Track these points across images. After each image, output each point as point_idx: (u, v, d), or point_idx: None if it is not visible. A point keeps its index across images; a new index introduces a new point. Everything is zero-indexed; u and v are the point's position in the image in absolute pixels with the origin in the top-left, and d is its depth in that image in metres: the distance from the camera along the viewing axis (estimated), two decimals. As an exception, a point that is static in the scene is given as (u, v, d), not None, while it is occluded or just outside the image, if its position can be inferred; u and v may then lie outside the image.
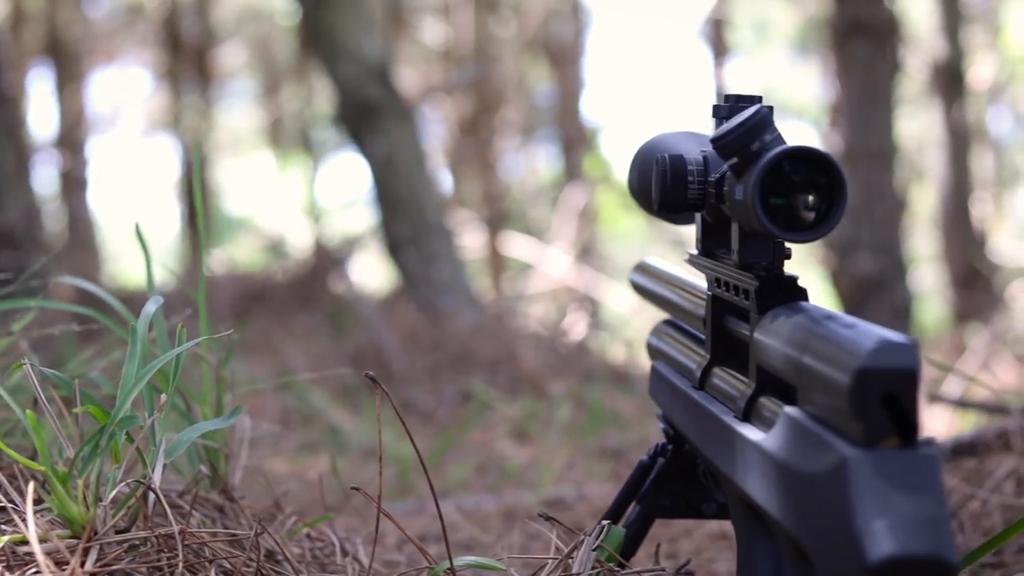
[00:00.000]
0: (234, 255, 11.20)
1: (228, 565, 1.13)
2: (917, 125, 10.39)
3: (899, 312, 6.42)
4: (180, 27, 11.83)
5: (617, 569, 1.22)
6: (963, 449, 2.04)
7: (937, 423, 3.60)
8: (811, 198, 1.06)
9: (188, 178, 12.22)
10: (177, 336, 1.23)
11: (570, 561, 1.21)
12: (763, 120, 1.09)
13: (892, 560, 0.81)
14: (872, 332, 0.92)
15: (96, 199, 17.31)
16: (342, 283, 4.35)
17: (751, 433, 1.05)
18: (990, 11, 9.88)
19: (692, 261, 1.30)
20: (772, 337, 1.05)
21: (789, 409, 0.99)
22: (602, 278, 9.10)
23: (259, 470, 2.53)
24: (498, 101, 11.64)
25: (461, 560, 1.24)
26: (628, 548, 1.33)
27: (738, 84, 12.19)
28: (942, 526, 0.83)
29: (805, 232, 1.06)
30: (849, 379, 0.88)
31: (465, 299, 4.31)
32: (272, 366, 3.43)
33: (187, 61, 11.96)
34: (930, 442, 0.88)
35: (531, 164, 13.59)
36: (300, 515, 1.58)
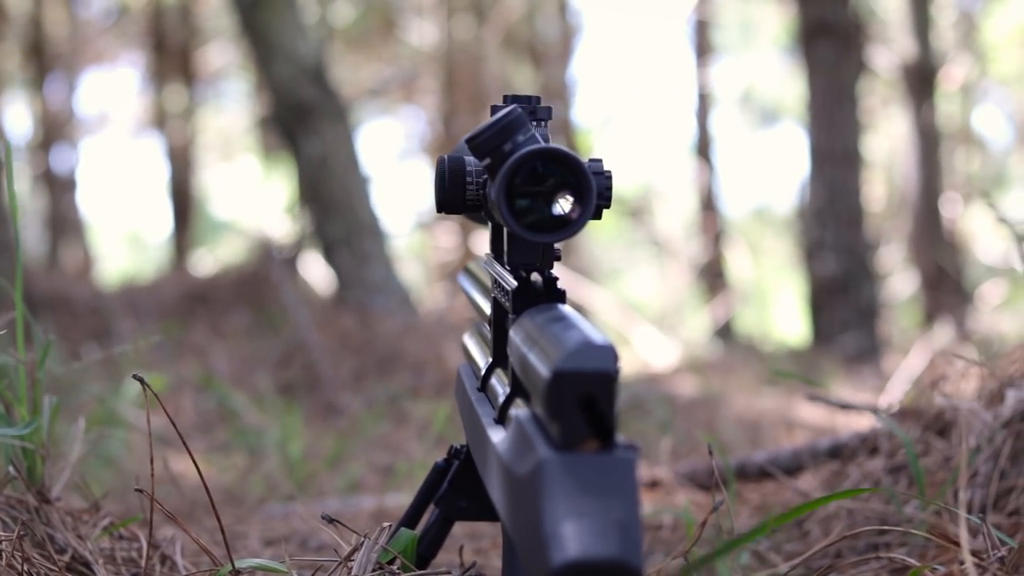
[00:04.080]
0: (219, 256, 11.21)
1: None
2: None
3: (864, 313, 6.39)
4: (165, 27, 11.84)
5: (399, 571, 1.22)
6: (836, 452, 2.04)
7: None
8: (559, 199, 1.05)
9: (175, 179, 12.24)
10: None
11: (351, 564, 1.20)
12: (516, 120, 1.09)
13: (574, 564, 0.80)
14: (577, 334, 0.91)
15: (85, 199, 17.35)
16: (281, 284, 4.34)
17: (495, 436, 1.05)
18: (964, 11, 9.84)
19: (486, 263, 1.30)
20: (517, 338, 1.05)
21: (519, 411, 0.99)
22: (581, 279, 9.09)
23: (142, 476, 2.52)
24: (482, 101, 11.64)
25: (244, 562, 1.23)
26: (428, 551, 1.33)
27: (721, 85, 12.17)
28: (630, 530, 0.82)
29: (552, 233, 1.06)
30: (547, 380, 0.88)
31: (398, 300, 4.30)
32: (198, 367, 3.42)
33: (172, 61, 11.97)
34: (630, 446, 0.87)
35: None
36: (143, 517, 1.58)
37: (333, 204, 4.31)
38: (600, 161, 1.21)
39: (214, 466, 2.79)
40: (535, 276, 1.13)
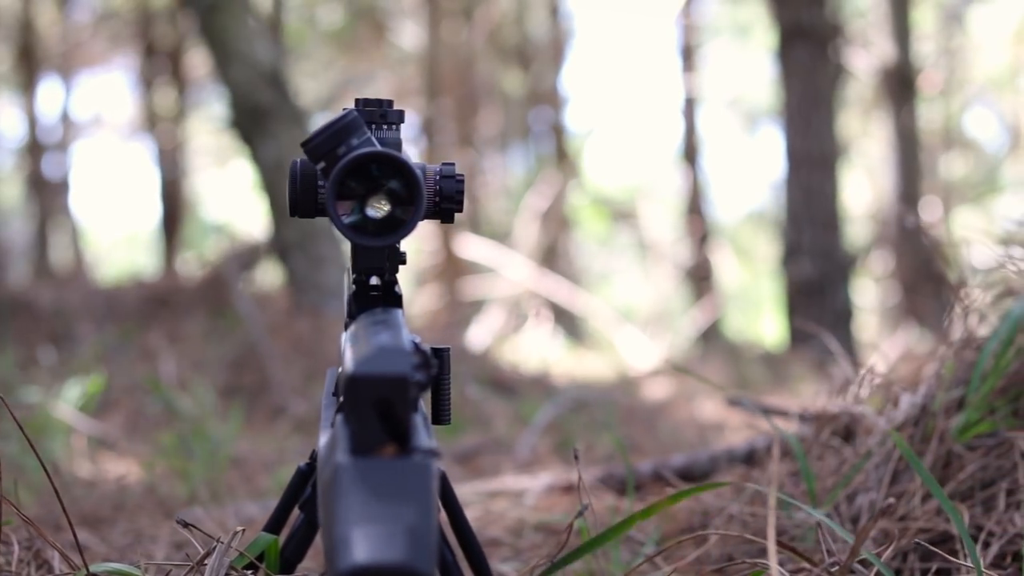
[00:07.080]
0: (203, 259, 11.21)
1: None
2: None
3: (840, 316, 6.39)
4: (155, 31, 11.85)
5: (249, 574, 1.22)
6: (750, 457, 2.03)
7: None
8: (373, 202, 1.06)
9: (166, 181, 12.25)
10: None
11: (204, 567, 1.20)
12: (351, 124, 1.09)
13: (360, 569, 0.80)
14: (382, 339, 0.91)
15: (78, 202, 17.39)
16: (234, 287, 4.33)
17: (322, 440, 1.05)
18: (950, 15, 9.83)
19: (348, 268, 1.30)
20: (346, 340, 1.05)
21: (339, 416, 0.98)
22: (564, 282, 9.07)
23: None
24: (473, 106, 11.64)
25: (99, 567, 1.23)
26: (293, 556, 1.32)
27: (708, 88, 12.17)
28: (421, 535, 0.82)
29: (380, 236, 1.06)
30: (344, 383, 0.88)
31: (354, 304, 4.25)
32: (150, 371, 3.42)
33: (162, 64, 11.98)
34: (429, 451, 0.87)
35: (507, 168, 13.60)
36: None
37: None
38: (452, 165, 1.20)
39: (148, 468, 2.79)
40: (374, 280, 1.13)
